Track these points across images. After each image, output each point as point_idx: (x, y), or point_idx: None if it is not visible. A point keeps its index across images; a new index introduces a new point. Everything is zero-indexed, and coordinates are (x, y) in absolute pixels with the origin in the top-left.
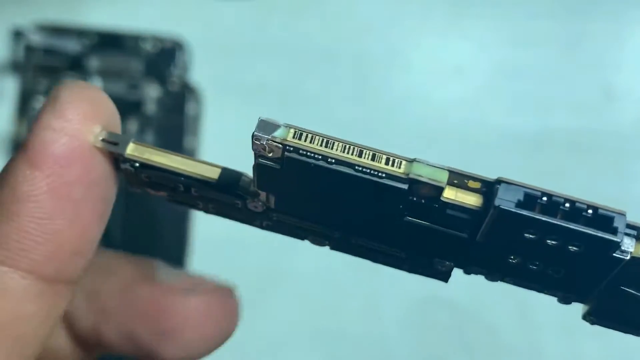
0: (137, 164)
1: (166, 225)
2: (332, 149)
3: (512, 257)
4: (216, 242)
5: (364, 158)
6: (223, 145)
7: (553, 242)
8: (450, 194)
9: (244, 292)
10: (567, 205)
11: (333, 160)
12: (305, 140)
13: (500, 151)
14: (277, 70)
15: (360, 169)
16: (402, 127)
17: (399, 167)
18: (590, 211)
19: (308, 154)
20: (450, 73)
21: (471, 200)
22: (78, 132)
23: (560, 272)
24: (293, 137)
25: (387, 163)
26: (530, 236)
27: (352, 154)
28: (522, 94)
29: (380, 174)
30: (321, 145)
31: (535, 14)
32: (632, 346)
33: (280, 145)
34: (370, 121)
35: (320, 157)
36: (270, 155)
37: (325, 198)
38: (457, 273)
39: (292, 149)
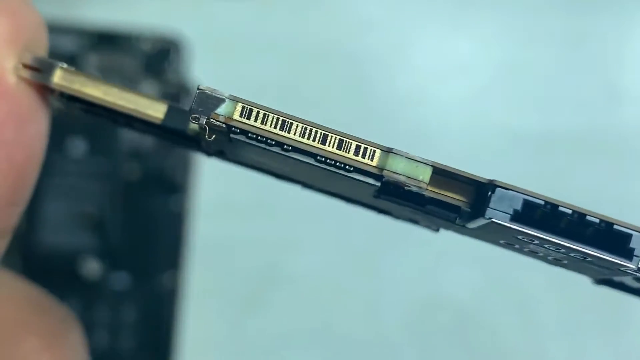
0: (67, 96)
1: (163, 225)
2: (289, 132)
3: (507, 242)
4: (216, 242)
5: (329, 145)
6: None
7: (557, 250)
8: (434, 188)
9: (244, 292)
10: (576, 217)
11: (290, 148)
12: (256, 120)
13: (502, 151)
14: (277, 69)
15: (323, 159)
16: (403, 126)
17: (371, 159)
18: (603, 225)
19: (259, 138)
20: (453, 72)
21: (460, 196)
22: None
23: (564, 261)
24: (241, 116)
25: (356, 153)
26: (530, 241)
27: (314, 140)
28: (525, 93)
29: (347, 166)
30: (276, 127)
31: (539, 11)
32: (633, 346)
33: (224, 126)
34: (371, 120)
35: (274, 142)
36: (214, 134)
37: (286, 168)
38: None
39: (238, 130)
